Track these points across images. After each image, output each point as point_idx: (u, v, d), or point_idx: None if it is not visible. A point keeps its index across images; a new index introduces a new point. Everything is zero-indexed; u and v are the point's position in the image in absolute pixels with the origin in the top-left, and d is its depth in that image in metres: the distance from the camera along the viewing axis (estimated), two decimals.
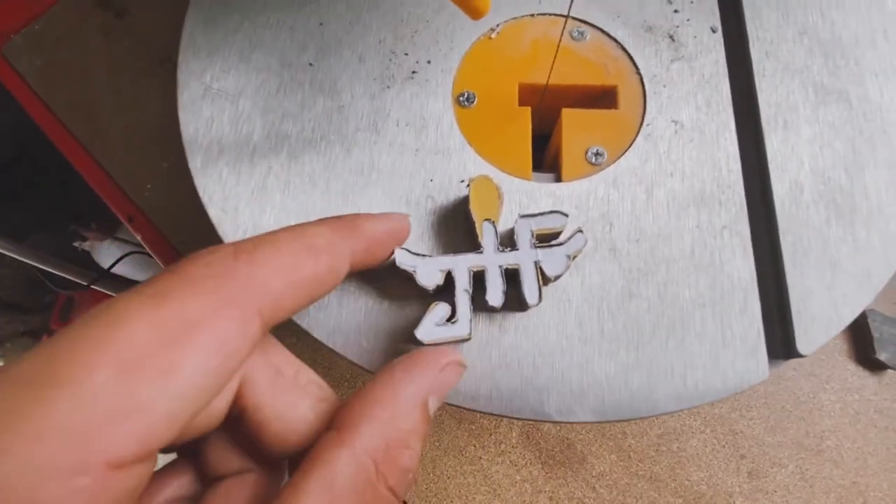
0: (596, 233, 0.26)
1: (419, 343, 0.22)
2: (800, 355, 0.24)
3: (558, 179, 0.27)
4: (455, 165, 0.27)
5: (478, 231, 0.24)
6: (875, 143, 0.27)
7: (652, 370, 0.24)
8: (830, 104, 0.28)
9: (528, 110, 0.28)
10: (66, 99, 0.57)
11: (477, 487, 0.43)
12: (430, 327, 0.22)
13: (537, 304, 0.23)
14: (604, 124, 0.28)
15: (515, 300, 0.23)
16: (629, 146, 0.28)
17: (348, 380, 0.46)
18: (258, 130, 0.28)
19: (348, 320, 0.24)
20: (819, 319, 0.24)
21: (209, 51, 0.30)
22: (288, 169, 0.27)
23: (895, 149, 0.27)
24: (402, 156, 0.28)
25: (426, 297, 0.24)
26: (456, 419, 0.44)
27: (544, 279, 0.23)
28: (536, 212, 0.24)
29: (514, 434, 0.44)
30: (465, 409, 0.24)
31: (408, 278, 0.24)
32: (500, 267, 0.23)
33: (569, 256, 0.23)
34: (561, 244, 0.23)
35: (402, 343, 0.24)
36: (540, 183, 0.27)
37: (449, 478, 0.43)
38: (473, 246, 0.24)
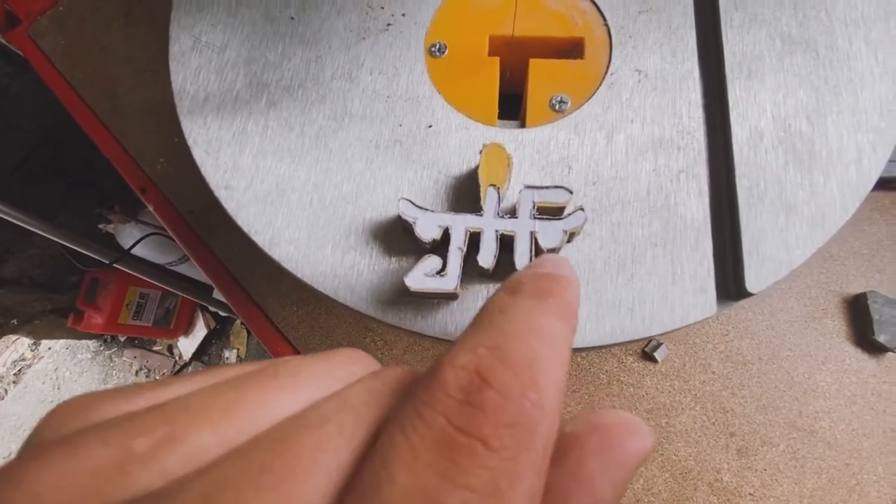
0: (554, 176, 0.27)
1: (407, 290, 0.23)
2: (749, 294, 0.25)
3: (522, 126, 0.28)
4: (423, 111, 0.29)
5: (481, 195, 0.24)
6: (840, 91, 0.27)
7: (601, 303, 0.25)
8: (797, 54, 0.28)
9: (496, 60, 0.29)
10: (87, 76, 0.60)
11: None
12: (420, 276, 0.23)
13: None
14: (569, 74, 0.29)
15: (507, 268, 0.24)
16: (592, 94, 0.28)
17: (345, 346, 0.48)
18: (241, 79, 0.30)
19: (347, 271, 0.26)
20: (770, 260, 0.25)
21: (199, 6, 0.32)
22: (266, 114, 0.29)
23: (860, 97, 0.27)
24: (373, 102, 0.29)
25: (422, 253, 0.25)
26: None
27: (537, 250, 0.23)
28: (542, 185, 0.24)
29: None
30: (422, 335, 0.25)
31: (407, 232, 0.25)
32: (497, 231, 0.23)
33: (565, 231, 0.23)
34: (560, 219, 0.24)
35: (397, 294, 0.25)
36: (504, 129, 0.28)
37: None
38: (477, 209, 0.24)
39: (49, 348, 1.66)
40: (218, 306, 1.26)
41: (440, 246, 0.25)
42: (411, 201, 0.24)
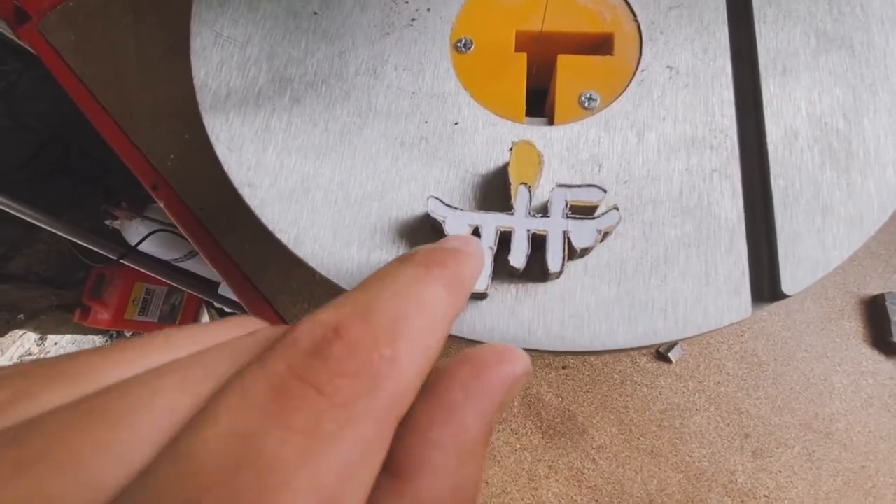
0: (584, 174, 0.26)
1: None
2: (785, 296, 0.24)
3: (551, 123, 0.28)
4: (449, 108, 0.28)
5: (512, 193, 0.24)
6: (877, 90, 0.27)
7: (633, 304, 0.24)
8: (832, 51, 0.28)
9: (523, 56, 0.29)
10: (98, 73, 0.60)
11: None
12: None
13: (559, 274, 0.23)
14: (598, 70, 0.28)
15: (538, 268, 0.23)
16: (622, 91, 0.28)
17: None
18: (264, 75, 0.29)
19: (373, 270, 0.25)
20: (806, 261, 0.24)
21: (220, 0, 0.31)
22: (290, 110, 0.29)
23: None
24: (398, 99, 0.28)
25: None
26: None
27: (570, 251, 0.23)
28: (575, 183, 0.24)
29: (515, 403, 0.44)
30: (459, 338, 0.25)
31: (436, 230, 0.24)
32: (528, 231, 0.23)
33: (599, 231, 0.23)
34: (593, 218, 0.23)
35: None
36: (532, 126, 0.28)
37: None
38: (507, 208, 0.24)
39: (55, 343, 1.66)
40: (223, 302, 1.26)
41: None
42: (440, 199, 0.24)
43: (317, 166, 0.28)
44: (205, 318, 1.52)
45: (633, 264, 0.25)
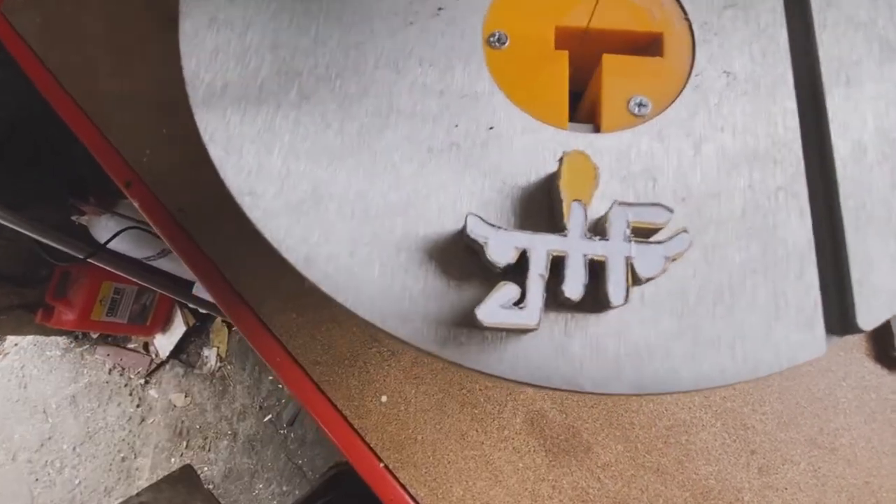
0: (637, 189, 0.23)
1: (478, 325, 0.19)
2: (859, 330, 0.22)
3: (597, 130, 0.25)
4: (483, 110, 0.25)
5: (564, 211, 0.21)
6: None
7: (697, 340, 0.21)
8: None
9: (565, 55, 0.26)
10: (65, 59, 0.54)
11: (478, 473, 0.41)
12: (495, 308, 0.19)
13: (622, 306, 0.20)
14: (648, 72, 0.25)
15: (591, 297, 0.20)
16: (676, 97, 0.25)
17: (348, 358, 0.44)
18: (267, 66, 0.25)
19: (398, 296, 0.22)
20: (882, 291, 0.22)
21: None
22: (298, 108, 0.25)
23: None
24: (424, 98, 0.25)
25: (490, 278, 0.21)
26: (458, 402, 0.43)
27: (634, 279, 0.20)
28: (637, 201, 0.21)
29: (518, 420, 0.42)
30: (484, 374, 0.21)
31: (471, 251, 0.21)
32: (585, 256, 0.20)
33: (667, 258, 0.20)
34: (660, 242, 0.20)
35: (458, 325, 0.21)
36: (577, 133, 0.24)
37: (449, 462, 0.42)
38: (555, 227, 0.21)
39: (15, 345, 1.56)
40: (198, 303, 1.20)
41: (512, 270, 0.21)
42: (481, 217, 0.20)
43: (330, 173, 0.24)
44: (178, 318, 1.45)
45: (695, 293, 0.22)
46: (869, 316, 0.22)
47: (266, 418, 1.37)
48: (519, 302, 0.20)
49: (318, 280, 0.22)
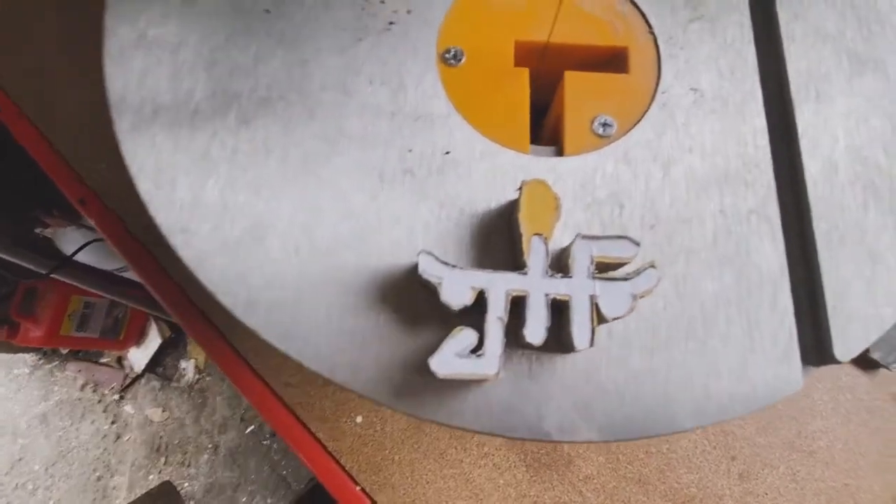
0: (603, 217, 0.22)
1: (433, 375, 0.18)
2: (836, 361, 0.21)
3: (560, 153, 0.23)
4: (439, 133, 0.23)
5: (524, 247, 0.19)
6: None
7: (669, 379, 0.20)
8: (866, 74, 0.25)
9: (525, 72, 0.24)
10: (13, 71, 0.51)
11: (458, 492, 0.40)
12: (449, 357, 0.18)
13: (587, 349, 0.18)
14: (612, 90, 0.24)
15: (554, 338, 0.19)
16: (642, 116, 0.24)
17: (322, 379, 0.42)
18: (202, 88, 0.23)
19: (348, 342, 0.20)
20: (858, 318, 0.21)
21: None
22: (237, 134, 0.23)
23: None
24: (375, 121, 0.23)
25: (448, 320, 0.19)
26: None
27: (599, 318, 0.19)
28: (601, 234, 0.19)
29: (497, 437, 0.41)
30: (445, 425, 0.20)
31: (426, 291, 0.19)
32: (547, 296, 0.18)
33: (634, 296, 0.18)
34: (626, 279, 0.18)
35: (413, 373, 0.20)
36: (539, 157, 0.23)
37: (428, 482, 0.40)
38: (515, 262, 0.19)
39: None
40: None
41: (470, 310, 0.19)
42: (434, 256, 0.19)
43: (272, 205, 0.22)
44: (153, 331, 1.40)
45: (666, 328, 0.20)
46: (845, 346, 0.21)
47: (248, 429, 1.33)
48: (477, 349, 0.18)
49: (258, 328, 0.20)
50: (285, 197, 0.22)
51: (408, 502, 0.40)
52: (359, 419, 0.42)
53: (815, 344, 0.22)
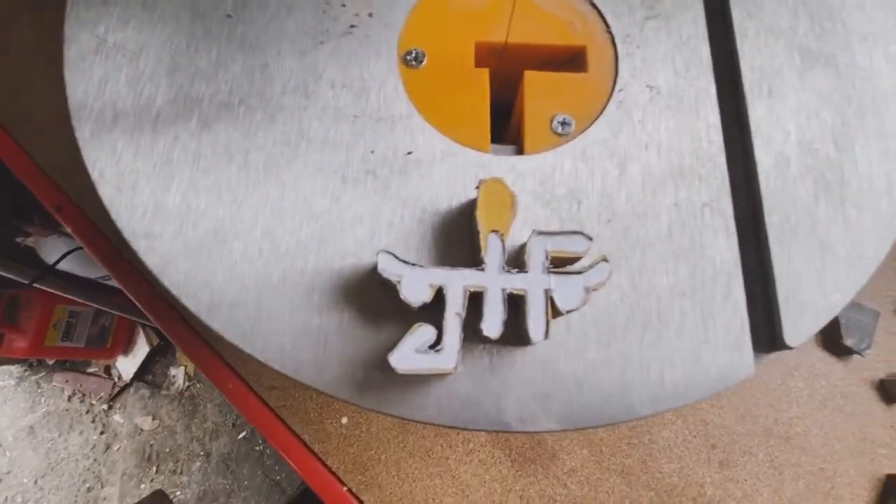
0: (562, 213, 0.22)
1: (392, 371, 0.18)
2: (787, 347, 0.21)
3: (520, 152, 0.24)
4: (400, 135, 0.23)
5: (481, 244, 0.19)
6: (864, 113, 0.25)
7: (626, 368, 0.20)
8: (817, 69, 0.25)
9: (485, 72, 0.25)
10: None
11: (445, 489, 0.41)
12: (408, 353, 0.18)
13: (542, 341, 0.19)
14: (571, 89, 0.25)
15: (512, 331, 0.19)
16: (599, 114, 0.24)
17: None
18: (163, 93, 0.23)
19: (312, 341, 0.20)
20: (808, 307, 0.22)
21: None
22: (199, 139, 0.23)
23: (885, 119, 0.25)
24: (337, 124, 0.23)
25: (408, 317, 0.20)
26: None
27: (554, 311, 0.19)
28: (556, 230, 0.20)
29: (482, 433, 0.42)
30: (409, 420, 0.20)
31: (387, 289, 0.20)
32: (504, 290, 0.19)
33: (587, 289, 0.19)
34: (579, 272, 0.19)
35: (377, 372, 0.20)
36: (499, 156, 0.23)
37: (415, 480, 0.41)
38: (474, 260, 0.20)
39: None
40: None
41: (430, 307, 0.20)
42: (393, 255, 0.19)
43: (234, 210, 0.22)
44: (141, 338, 1.39)
45: (622, 320, 0.21)
46: (796, 333, 0.21)
47: (240, 435, 1.32)
48: (435, 344, 0.18)
49: (222, 330, 0.20)
50: (247, 201, 0.22)
51: (395, 501, 0.41)
52: (344, 420, 0.43)
53: (767, 332, 0.22)
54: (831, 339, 0.42)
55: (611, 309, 0.21)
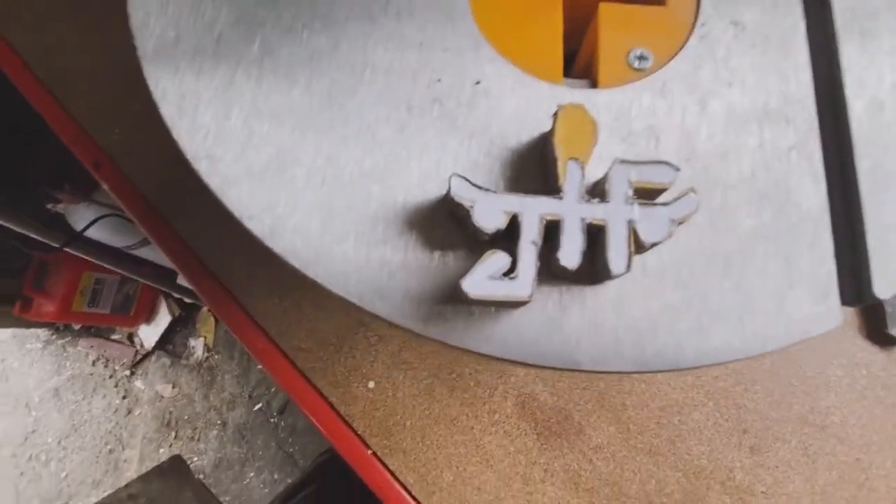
0: (639, 149, 0.21)
1: (464, 298, 0.17)
2: (875, 299, 0.20)
3: (594, 85, 0.23)
4: (468, 64, 0.22)
5: (559, 171, 0.18)
6: None
7: (703, 313, 0.19)
8: None
9: (558, 1, 0.23)
10: (27, 36, 0.51)
11: (469, 458, 0.40)
12: (482, 279, 0.17)
13: (623, 275, 0.18)
14: (649, 23, 0.23)
15: (588, 265, 0.18)
16: (680, 49, 0.23)
17: (334, 343, 0.42)
18: (225, 16, 0.23)
19: (376, 271, 0.19)
20: None
21: None
22: (261, 63, 0.22)
23: None
24: (402, 51, 0.22)
25: (477, 248, 0.19)
26: (448, 387, 0.41)
27: (637, 245, 0.18)
28: (639, 159, 0.18)
29: (508, 403, 0.41)
30: (472, 352, 0.19)
31: (456, 220, 0.19)
32: (583, 220, 0.18)
33: (673, 221, 0.18)
34: (665, 204, 0.18)
35: (442, 303, 0.19)
36: (572, 89, 0.22)
37: (439, 447, 0.40)
38: (549, 190, 0.19)
39: None
40: (183, 293, 1.17)
41: (502, 238, 0.19)
42: (467, 179, 0.18)
43: (297, 136, 0.21)
44: (163, 308, 1.42)
45: (701, 262, 0.20)
46: (886, 284, 0.20)
47: (256, 407, 1.35)
48: (509, 272, 0.18)
49: (285, 253, 0.20)
50: (310, 128, 0.21)
51: (418, 466, 0.41)
52: (371, 384, 0.42)
53: (854, 284, 0.21)
54: (875, 327, 0.41)
55: (689, 250, 0.20)
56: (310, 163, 0.21)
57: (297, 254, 0.20)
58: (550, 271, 0.19)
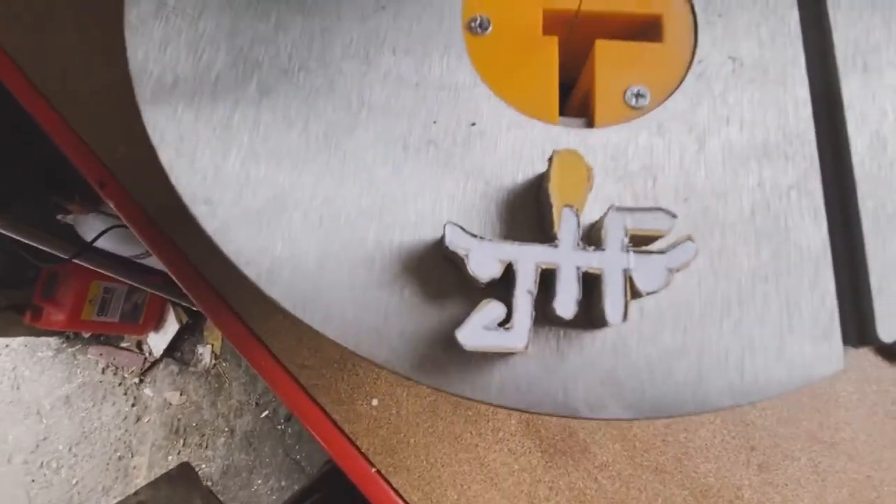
0: (636, 189, 0.21)
1: (457, 349, 0.17)
2: (879, 342, 0.20)
3: (590, 125, 0.22)
4: (464, 104, 0.22)
5: (554, 218, 0.18)
6: None
7: (702, 356, 0.19)
8: None
9: (554, 40, 0.23)
10: (35, 54, 0.51)
11: (473, 476, 0.40)
12: (477, 329, 0.17)
13: (620, 324, 0.18)
14: (645, 60, 0.23)
15: (584, 312, 0.18)
16: (677, 86, 0.23)
17: (338, 361, 0.42)
18: (223, 57, 0.23)
19: (372, 314, 0.20)
20: None
21: None
22: (258, 104, 0.22)
23: None
24: (398, 91, 0.22)
25: (472, 295, 0.19)
26: (451, 404, 0.41)
27: (633, 293, 0.18)
28: (635, 203, 0.19)
29: (513, 421, 0.41)
30: (470, 399, 0.19)
31: (452, 264, 0.19)
32: (579, 269, 0.18)
33: (670, 270, 0.18)
34: (662, 252, 0.18)
35: (438, 349, 0.19)
36: (568, 128, 0.22)
37: (443, 465, 0.40)
38: (544, 236, 0.19)
39: (7, 346, 1.54)
40: (190, 301, 1.18)
41: (497, 284, 0.19)
42: (461, 227, 0.18)
43: (294, 177, 0.21)
44: (171, 316, 1.43)
45: (700, 305, 0.20)
46: (890, 326, 0.20)
47: (263, 414, 1.36)
48: (505, 322, 0.18)
49: (281, 298, 0.20)
50: (307, 169, 0.22)
51: (423, 485, 0.40)
52: (374, 402, 0.42)
53: (857, 325, 0.21)
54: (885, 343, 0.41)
55: (688, 293, 0.20)
56: (307, 204, 0.21)
57: (293, 298, 0.20)
58: (547, 316, 0.19)
